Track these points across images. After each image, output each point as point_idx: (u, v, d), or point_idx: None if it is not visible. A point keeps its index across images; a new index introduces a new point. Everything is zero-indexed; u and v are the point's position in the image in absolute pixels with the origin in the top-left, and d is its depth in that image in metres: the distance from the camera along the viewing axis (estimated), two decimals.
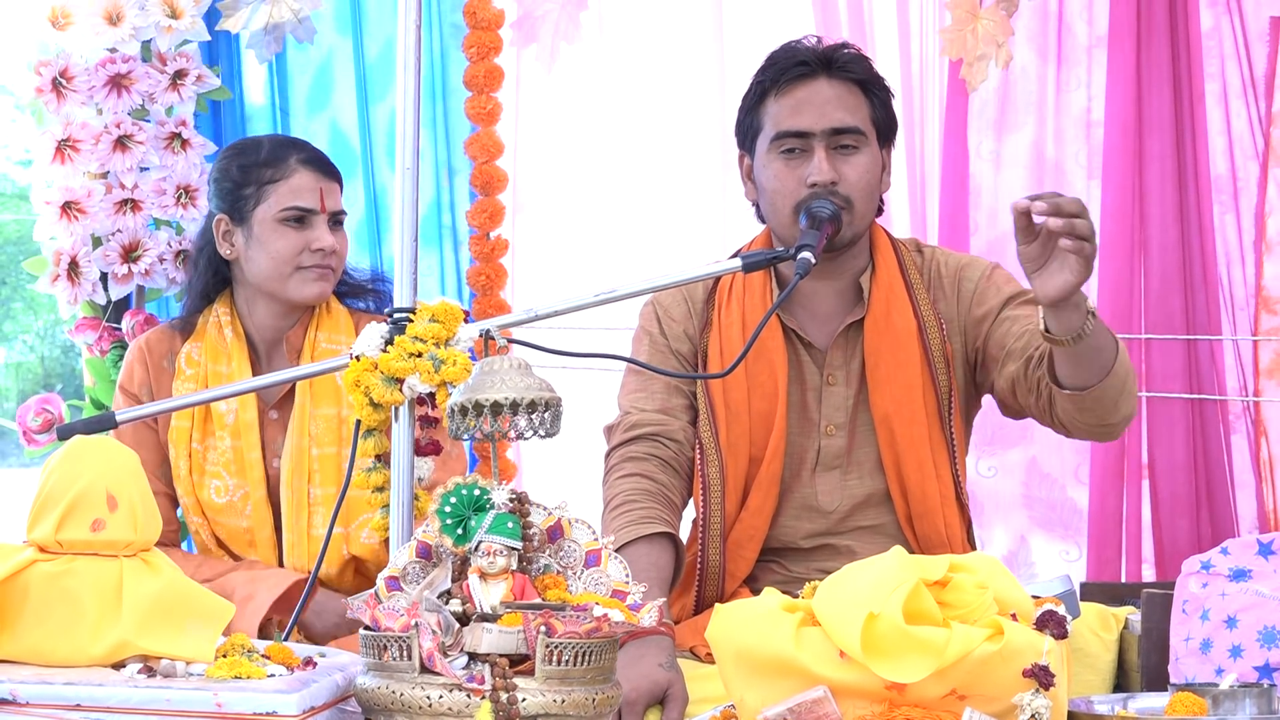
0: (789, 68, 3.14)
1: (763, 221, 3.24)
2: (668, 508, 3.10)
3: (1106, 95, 4.13)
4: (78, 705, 2.20)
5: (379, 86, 4.24)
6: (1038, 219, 2.73)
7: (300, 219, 3.39)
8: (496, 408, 2.38)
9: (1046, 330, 2.81)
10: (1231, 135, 4.10)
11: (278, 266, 3.39)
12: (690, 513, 3.22)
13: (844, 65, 3.15)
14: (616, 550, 2.42)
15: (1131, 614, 3.02)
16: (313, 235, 3.39)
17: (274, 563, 3.40)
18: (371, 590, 2.38)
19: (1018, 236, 2.75)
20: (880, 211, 3.23)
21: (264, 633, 3.21)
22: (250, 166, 3.40)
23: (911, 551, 3.12)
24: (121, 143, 3.83)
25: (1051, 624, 2.29)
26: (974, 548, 3.22)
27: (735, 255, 3.21)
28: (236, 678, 2.26)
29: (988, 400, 3.29)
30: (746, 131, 3.20)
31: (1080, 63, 4.19)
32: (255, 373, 3.43)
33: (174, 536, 3.48)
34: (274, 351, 3.46)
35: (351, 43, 4.24)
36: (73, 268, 3.85)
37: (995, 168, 4.19)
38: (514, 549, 2.33)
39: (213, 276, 3.48)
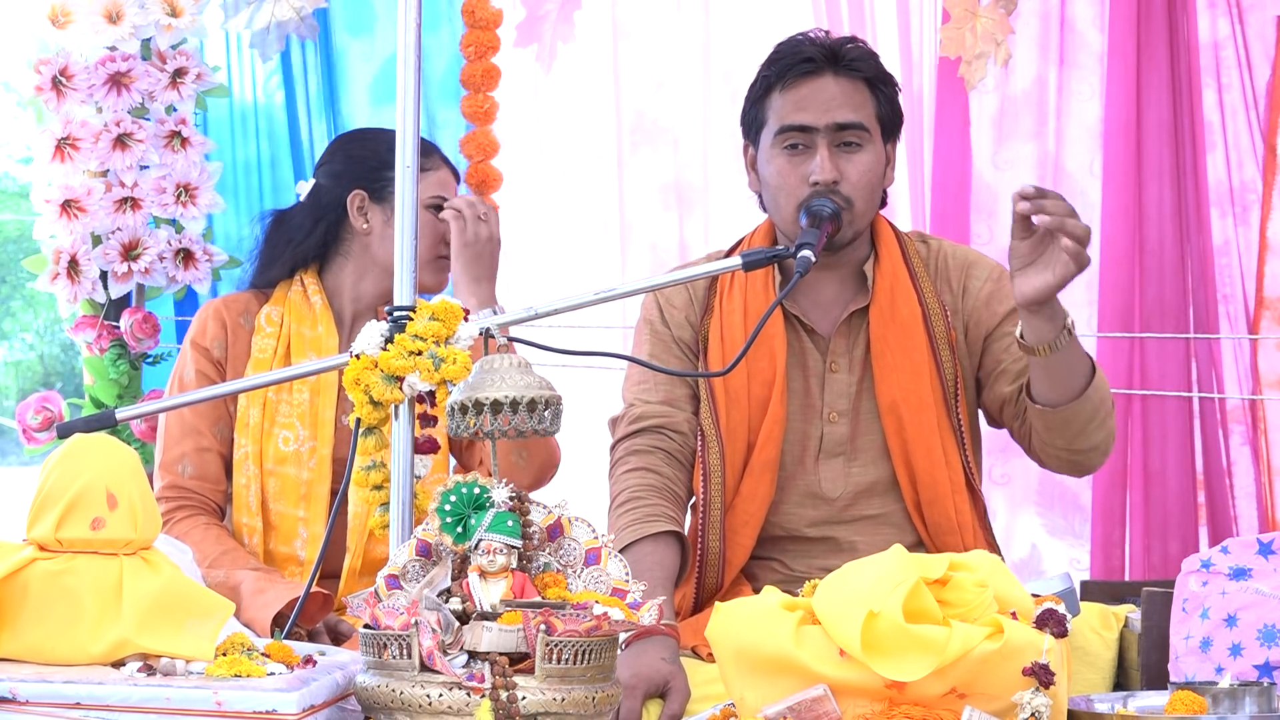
0: (795, 63, 3.14)
1: (765, 211, 3.25)
2: (673, 503, 3.10)
3: (1106, 100, 4.12)
4: (77, 704, 2.20)
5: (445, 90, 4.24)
6: (1036, 219, 2.76)
7: (439, 209, 3.49)
8: (496, 406, 2.38)
9: (1021, 337, 2.91)
10: (1230, 140, 4.09)
11: (424, 251, 3.46)
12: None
13: (850, 62, 3.15)
14: (622, 549, 2.41)
15: (1132, 612, 3.01)
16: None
17: (324, 525, 3.34)
18: (371, 589, 2.38)
19: (1014, 230, 2.80)
20: (884, 204, 3.23)
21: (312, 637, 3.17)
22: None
23: (921, 540, 3.13)
24: (121, 141, 3.83)
25: (1051, 622, 2.29)
26: (989, 535, 3.21)
27: (736, 246, 3.24)
28: (236, 676, 2.26)
29: None
30: (751, 123, 3.21)
31: (1091, 68, 4.17)
32: (341, 339, 3.44)
33: (223, 497, 3.45)
34: (362, 322, 3.44)
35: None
36: (72, 266, 3.85)
37: (1001, 172, 4.16)
38: (514, 547, 2.33)
39: (321, 246, 3.50)
